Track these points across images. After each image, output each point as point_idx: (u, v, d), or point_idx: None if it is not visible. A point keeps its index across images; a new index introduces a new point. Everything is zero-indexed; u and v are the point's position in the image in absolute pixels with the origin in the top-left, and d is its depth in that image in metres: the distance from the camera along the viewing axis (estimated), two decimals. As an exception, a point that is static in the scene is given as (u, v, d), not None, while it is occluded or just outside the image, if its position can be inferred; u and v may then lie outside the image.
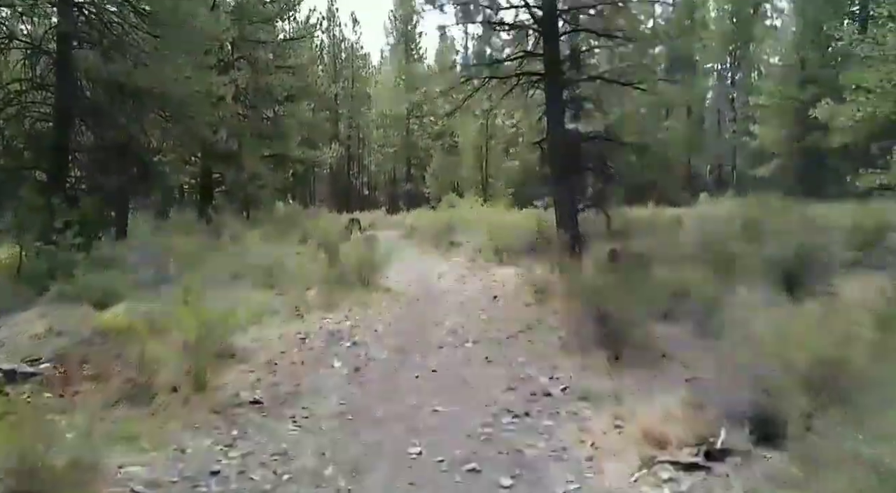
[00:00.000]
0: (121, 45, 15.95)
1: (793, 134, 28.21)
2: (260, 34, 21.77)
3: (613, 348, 5.31)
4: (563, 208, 8.78)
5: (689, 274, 6.94)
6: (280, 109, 22.93)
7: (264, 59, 21.90)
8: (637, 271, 7.05)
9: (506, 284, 9.62)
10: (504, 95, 9.59)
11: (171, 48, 16.90)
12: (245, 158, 20.32)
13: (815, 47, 28.09)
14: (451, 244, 14.66)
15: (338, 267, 9.41)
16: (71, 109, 16.23)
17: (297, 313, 7.86)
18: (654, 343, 5.66)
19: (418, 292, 9.37)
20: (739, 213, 10.61)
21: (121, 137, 17.23)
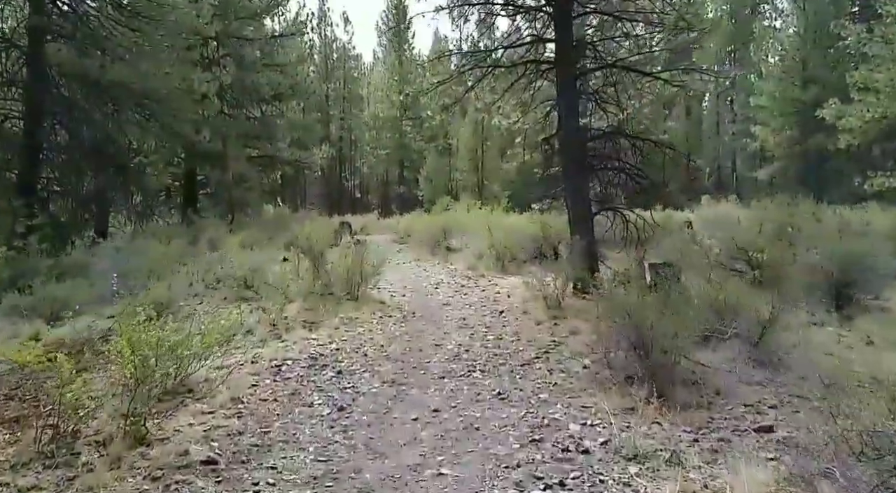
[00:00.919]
0: (97, 39, 14.89)
1: (794, 136, 27.45)
2: (246, 31, 20.71)
3: (657, 382, 4.28)
4: (578, 211, 7.76)
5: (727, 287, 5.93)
6: (268, 108, 21.83)
7: (251, 57, 20.80)
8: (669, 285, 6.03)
9: (512, 295, 8.58)
10: (509, 87, 8.59)
11: (150, 42, 15.86)
12: (230, 159, 19.21)
13: (816, 47, 27.34)
14: (448, 250, 13.61)
15: (324, 277, 8.34)
16: (43, 106, 15.09)
17: (275, 332, 6.79)
18: (704, 375, 4.64)
19: (414, 306, 8.32)
20: (762, 216, 9.63)
21: (97, 137, 16.17)
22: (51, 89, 14.90)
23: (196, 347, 4.75)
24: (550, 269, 10.47)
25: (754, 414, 4.02)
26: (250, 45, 20.81)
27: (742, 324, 5.34)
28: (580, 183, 7.74)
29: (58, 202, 17.45)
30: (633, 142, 7.82)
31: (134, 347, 4.12)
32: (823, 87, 26.12)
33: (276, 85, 20.56)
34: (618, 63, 7.89)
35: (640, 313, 4.49)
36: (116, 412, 4.13)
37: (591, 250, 7.54)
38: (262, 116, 21.63)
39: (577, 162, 7.71)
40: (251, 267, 9.58)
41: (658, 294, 5.11)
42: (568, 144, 7.72)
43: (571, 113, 7.70)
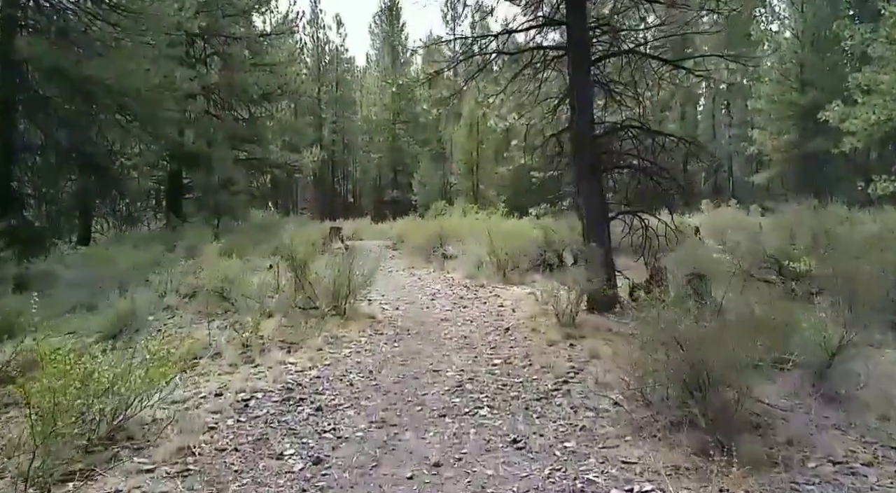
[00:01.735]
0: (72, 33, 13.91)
1: (792, 139, 26.77)
2: (234, 29, 19.75)
3: (716, 430, 3.34)
4: (593, 215, 6.83)
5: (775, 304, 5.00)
6: (257, 109, 20.84)
7: (239, 56, 19.81)
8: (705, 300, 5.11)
9: (517, 309, 7.63)
10: (514, 78, 7.67)
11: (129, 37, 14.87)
12: (216, 162, 18.17)
13: (814, 50, 26.71)
14: (445, 257, 12.64)
15: (308, 288, 7.35)
16: (15, 103, 14.10)
17: (247, 354, 5.81)
18: (768, 417, 3.70)
19: (409, 321, 7.35)
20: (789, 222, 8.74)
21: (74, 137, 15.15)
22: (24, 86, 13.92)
23: (137, 383, 3.76)
24: (556, 278, 9.54)
25: (849, 475, 3.08)
26: (238, 43, 19.83)
27: (798, 349, 4.41)
28: (595, 184, 6.81)
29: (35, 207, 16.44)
30: (653, 137, 6.90)
31: (43, 391, 3.13)
32: (822, 90, 25.54)
33: (264, 85, 19.58)
34: (637, 49, 6.97)
35: (695, 340, 3.54)
36: (23, 469, 3.15)
37: (607, 260, 6.60)
38: (250, 117, 20.65)
39: (592, 160, 6.79)
40: (230, 277, 8.60)
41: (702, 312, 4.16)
42: (581, 140, 6.79)
43: (585, 105, 6.78)
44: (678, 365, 3.52)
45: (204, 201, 19.55)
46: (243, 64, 19.75)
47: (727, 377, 3.46)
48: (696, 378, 3.44)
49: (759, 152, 28.46)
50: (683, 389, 3.52)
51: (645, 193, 7.14)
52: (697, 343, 3.46)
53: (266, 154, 20.94)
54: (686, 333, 3.56)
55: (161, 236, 16.11)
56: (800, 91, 26.48)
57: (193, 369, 5.56)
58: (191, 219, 18.88)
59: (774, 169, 28.19)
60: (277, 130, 23.03)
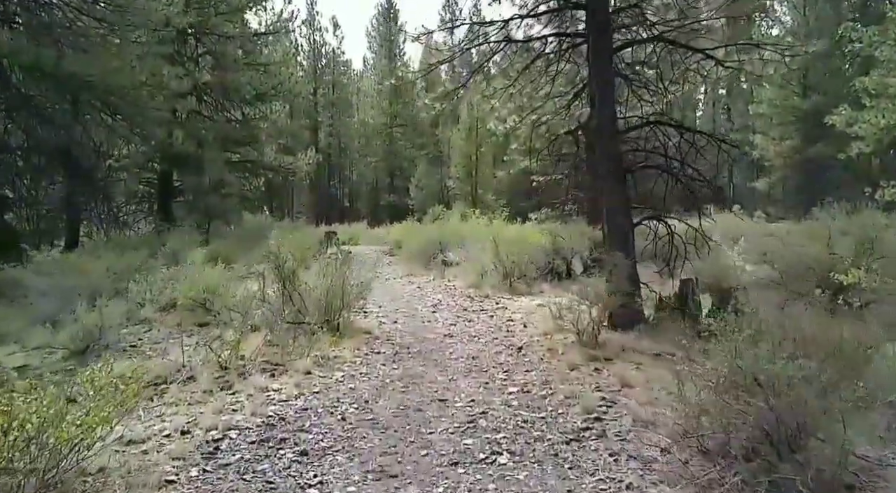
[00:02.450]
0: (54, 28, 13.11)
1: (795, 145, 26.18)
2: (227, 27, 18.95)
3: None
4: (615, 221, 6.06)
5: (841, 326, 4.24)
6: (250, 110, 20.03)
7: (232, 55, 19.01)
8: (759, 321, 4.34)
9: (528, 324, 6.86)
10: (525, 69, 6.91)
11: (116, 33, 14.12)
12: (207, 163, 17.35)
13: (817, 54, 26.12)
14: (445, 264, 11.86)
15: (297, 300, 6.55)
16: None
17: (225, 378, 5.01)
18: (867, 476, 2.93)
19: (409, 337, 6.57)
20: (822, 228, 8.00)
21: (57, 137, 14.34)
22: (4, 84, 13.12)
23: (72, 431, 2.96)
24: (567, 289, 8.79)
25: None
26: (231, 42, 19.04)
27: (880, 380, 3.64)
28: (619, 185, 6.05)
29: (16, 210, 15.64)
30: (682, 134, 6.15)
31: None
32: (824, 94, 25.03)
33: (258, 85, 18.80)
34: (663, 35, 6.23)
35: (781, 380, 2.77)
36: None
37: (632, 271, 5.83)
38: (244, 118, 19.85)
39: (616, 160, 6.03)
40: (213, 286, 7.81)
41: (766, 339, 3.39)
42: (603, 137, 6.03)
43: (607, 98, 6.02)
44: (762, 413, 2.74)
45: (195, 205, 18.70)
46: (236, 63, 18.96)
47: (819, 425, 2.69)
48: (784, 429, 2.66)
49: (761, 157, 27.86)
50: (766, 441, 2.74)
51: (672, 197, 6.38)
52: (785, 386, 2.68)
53: (260, 157, 20.14)
54: (773, 373, 2.76)
55: (149, 241, 15.27)
56: (802, 95, 25.95)
57: (162, 397, 4.76)
58: (180, 223, 18.02)
59: (776, 174, 27.60)
60: (274, 133, 22.22)
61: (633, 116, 6.88)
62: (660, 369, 4.81)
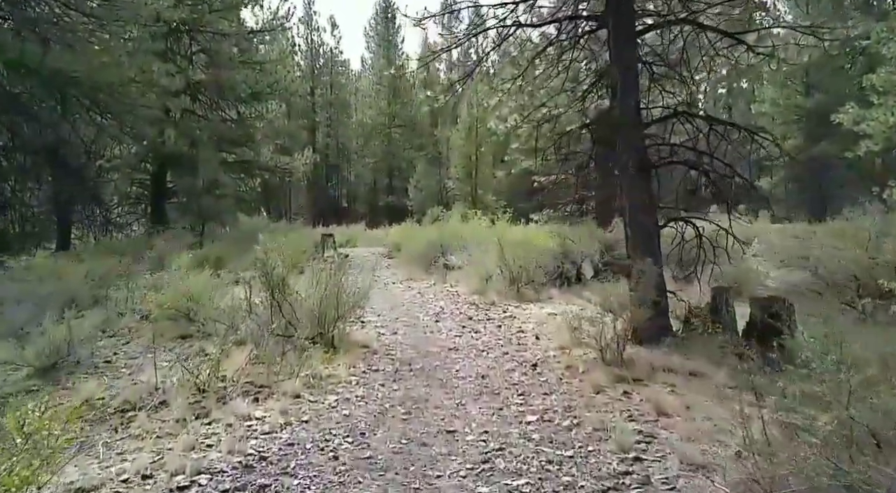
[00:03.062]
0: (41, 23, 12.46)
1: (798, 144, 25.60)
2: (222, 25, 18.29)
3: None
4: (639, 222, 5.43)
5: None
6: (246, 109, 19.37)
7: (227, 53, 18.34)
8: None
9: (541, 336, 6.21)
10: (537, 55, 6.28)
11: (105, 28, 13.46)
12: (201, 163, 16.68)
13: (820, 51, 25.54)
14: (447, 268, 11.21)
15: (287, 311, 5.88)
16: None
17: (202, 403, 4.35)
18: None
19: (411, 351, 5.92)
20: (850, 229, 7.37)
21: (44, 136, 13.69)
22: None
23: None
24: (576, 294, 8.15)
25: None
26: (226, 40, 18.37)
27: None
28: (643, 183, 5.41)
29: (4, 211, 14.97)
30: (710, 124, 5.50)
31: None
32: (827, 93, 24.50)
33: (253, 83, 18.13)
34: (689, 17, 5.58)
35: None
36: None
37: (659, 279, 5.18)
38: (239, 117, 19.18)
39: (640, 155, 5.39)
40: (198, 294, 7.15)
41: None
42: (626, 130, 5.39)
43: (630, 86, 5.38)
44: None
45: (188, 206, 18.03)
46: (231, 62, 18.30)
47: None
48: None
49: (763, 157, 27.28)
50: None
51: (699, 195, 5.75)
52: None
53: (256, 157, 19.48)
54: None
55: (139, 244, 14.60)
56: (804, 94, 25.41)
57: (128, 427, 4.10)
58: (174, 225, 17.36)
59: (778, 174, 27.03)
60: (270, 133, 21.57)
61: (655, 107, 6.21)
62: (698, 393, 4.17)
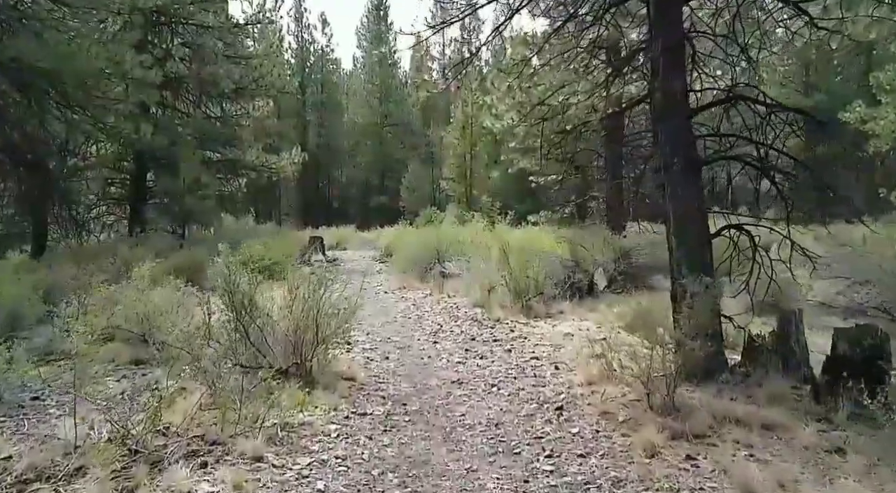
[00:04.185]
0: (0, 9, 11.31)
1: (799, 145, 24.78)
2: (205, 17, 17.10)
3: None
4: (689, 230, 4.37)
5: None
6: (231, 106, 18.19)
7: (210, 47, 17.14)
8: None
9: (560, 364, 5.15)
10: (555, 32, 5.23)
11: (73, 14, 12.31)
12: (182, 162, 15.50)
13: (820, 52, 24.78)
14: (444, 276, 10.12)
15: (256, 335, 4.78)
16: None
17: (129, 471, 3.24)
18: None
19: (405, 385, 4.84)
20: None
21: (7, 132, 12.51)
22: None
23: None
24: (589, 307, 7.11)
25: None
26: (209, 33, 17.18)
27: None
28: (692, 183, 4.36)
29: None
30: (770, 112, 4.48)
31: None
32: (828, 92, 23.74)
33: (237, 78, 16.92)
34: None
35: None
36: None
37: (714, 301, 4.11)
38: (223, 114, 18.00)
39: (689, 148, 4.34)
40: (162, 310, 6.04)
41: None
42: (670, 118, 4.34)
43: (676, 64, 4.33)
44: None
45: (169, 207, 16.83)
46: (215, 56, 17.10)
47: None
48: None
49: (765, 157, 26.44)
50: None
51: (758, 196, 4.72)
52: None
53: (241, 156, 18.26)
54: None
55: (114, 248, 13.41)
56: (804, 94, 24.65)
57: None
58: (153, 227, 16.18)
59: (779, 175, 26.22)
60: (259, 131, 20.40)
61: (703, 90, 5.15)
62: (786, 460, 3.12)
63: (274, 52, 20.46)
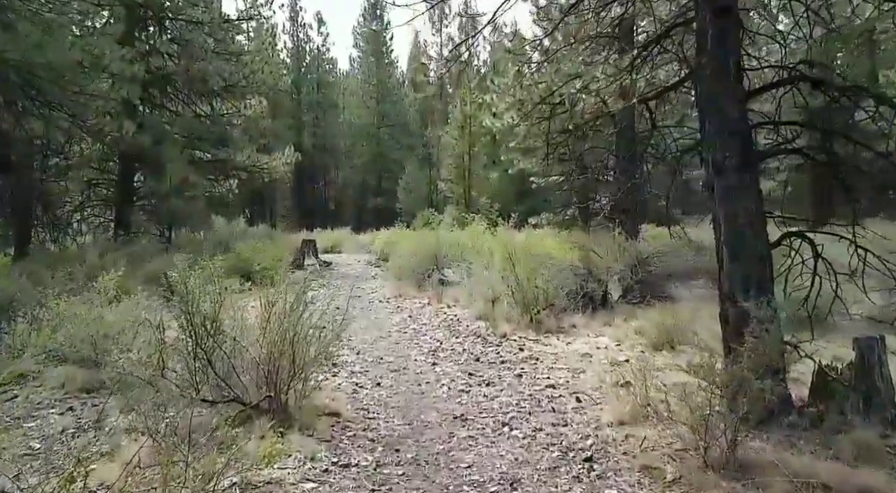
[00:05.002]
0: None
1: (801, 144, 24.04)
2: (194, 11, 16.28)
3: None
4: (744, 239, 3.57)
5: None
6: (221, 105, 17.34)
7: (200, 43, 16.30)
8: None
9: (582, 396, 4.33)
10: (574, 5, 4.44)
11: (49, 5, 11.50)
12: (169, 161, 14.66)
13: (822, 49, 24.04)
14: (443, 284, 9.29)
15: (222, 365, 3.95)
16: None
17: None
18: None
19: (399, 421, 4.02)
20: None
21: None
22: None
23: None
24: (604, 321, 6.30)
25: None
26: (198, 28, 16.34)
27: None
28: (747, 183, 3.55)
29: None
30: (838, 92, 3.69)
31: None
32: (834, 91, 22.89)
33: (227, 75, 16.08)
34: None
35: None
36: None
37: (777, 330, 3.29)
38: (213, 113, 17.15)
39: (742, 141, 3.53)
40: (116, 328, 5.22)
41: None
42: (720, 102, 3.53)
43: (727, 35, 3.50)
44: None
45: (156, 209, 15.97)
46: (205, 52, 16.25)
47: None
48: None
49: (765, 159, 25.70)
50: None
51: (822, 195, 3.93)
52: None
53: (231, 156, 17.39)
54: None
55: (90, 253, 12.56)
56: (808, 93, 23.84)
57: None
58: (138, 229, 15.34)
59: (781, 176, 25.46)
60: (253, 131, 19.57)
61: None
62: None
63: (266, 49, 19.63)
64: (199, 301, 3.87)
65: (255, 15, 18.12)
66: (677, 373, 4.69)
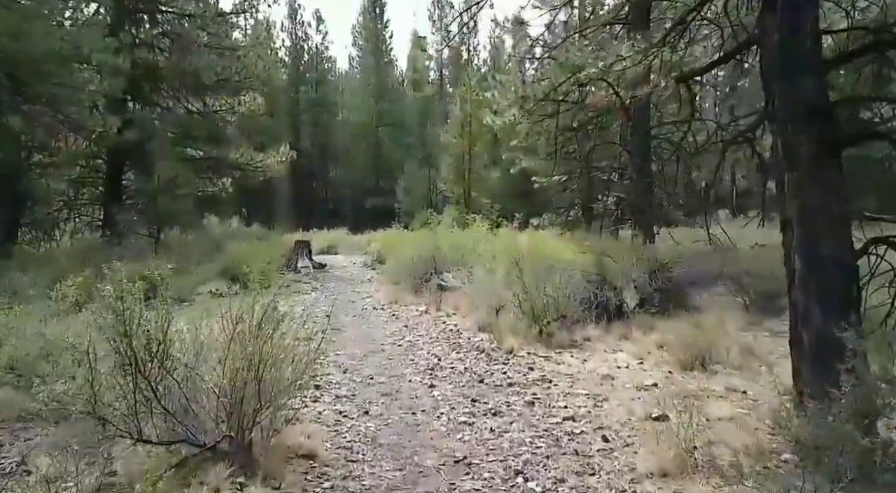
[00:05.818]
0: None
1: (807, 145, 23.31)
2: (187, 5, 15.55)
3: None
4: (823, 245, 2.82)
5: None
6: (214, 101, 16.55)
7: (192, 37, 15.52)
8: None
9: (610, 434, 3.56)
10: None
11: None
12: (156, 159, 13.92)
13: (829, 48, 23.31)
14: (441, 289, 8.52)
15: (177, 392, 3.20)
16: None
17: None
18: None
19: (389, 466, 3.26)
20: None
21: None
22: None
23: None
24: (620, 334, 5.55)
25: None
26: (191, 22, 15.58)
27: None
28: (827, 175, 2.79)
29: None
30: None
31: None
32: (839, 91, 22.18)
33: (219, 69, 15.31)
34: None
35: None
36: None
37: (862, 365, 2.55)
38: (205, 108, 16.37)
39: (822, 124, 2.79)
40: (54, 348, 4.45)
41: None
42: (796, 72, 2.78)
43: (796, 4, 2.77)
44: None
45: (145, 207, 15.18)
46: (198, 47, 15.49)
47: None
48: None
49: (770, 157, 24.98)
50: None
51: None
52: None
53: (224, 154, 16.59)
54: None
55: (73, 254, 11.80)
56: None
57: None
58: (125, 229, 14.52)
59: (787, 177, 24.75)
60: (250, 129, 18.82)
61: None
62: None
63: (261, 44, 18.85)
64: (140, 320, 3.09)
65: (250, 8, 17.31)
66: (718, 402, 3.96)
